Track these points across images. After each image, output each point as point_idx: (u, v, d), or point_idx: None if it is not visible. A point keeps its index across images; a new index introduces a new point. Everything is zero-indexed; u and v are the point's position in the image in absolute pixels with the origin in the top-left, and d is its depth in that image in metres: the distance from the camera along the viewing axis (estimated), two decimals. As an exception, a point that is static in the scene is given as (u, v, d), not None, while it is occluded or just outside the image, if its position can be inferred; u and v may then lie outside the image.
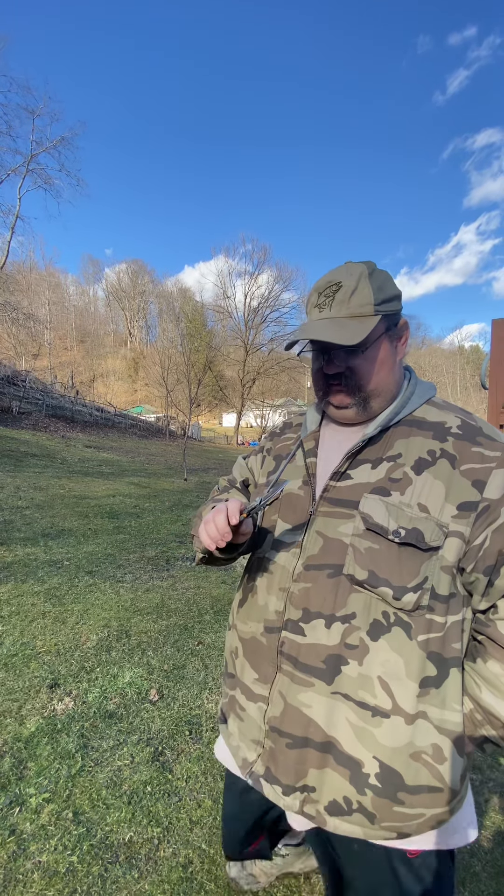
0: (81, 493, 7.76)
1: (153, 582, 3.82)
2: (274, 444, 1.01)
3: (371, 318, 0.74)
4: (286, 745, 0.75)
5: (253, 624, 0.86)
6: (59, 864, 1.37)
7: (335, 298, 0.75)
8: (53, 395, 24.01)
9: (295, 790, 0.75)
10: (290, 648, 0.77)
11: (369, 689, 0.70)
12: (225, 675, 0.96)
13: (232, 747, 0.88)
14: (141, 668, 2.47)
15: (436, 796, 0.70)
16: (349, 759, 0.71)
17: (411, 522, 0.70)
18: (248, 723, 0.83)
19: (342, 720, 0.71)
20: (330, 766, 0.72)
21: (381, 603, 0.70)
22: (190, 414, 15.60)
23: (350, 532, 0.74)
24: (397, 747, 0.69)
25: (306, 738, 0.73)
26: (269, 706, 0.79)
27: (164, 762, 1.81)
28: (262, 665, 0.82)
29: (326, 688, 0.72)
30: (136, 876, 1.35)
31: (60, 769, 1.72)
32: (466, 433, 0.74)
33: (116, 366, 63.80)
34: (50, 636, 2.75)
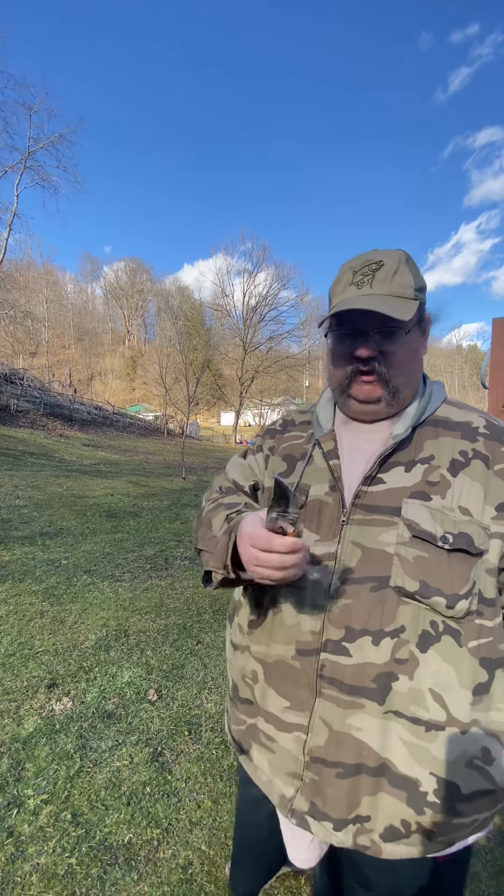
0: (79, 492, 7.74)
1: (152, 581, 3.81)
2: (277, 444, 0.92)
3: (412, 301, 0.71)
4: (336, 774, 0.69)
5: (278, 646, 0.77)
6: (58, 866, 1.36)
7: (375, 276, 0.72)
8: (51, 394, 23.93)
9: (347, 823, 0.69)
10: (332, 671, 0.70)
11: (421, 704, 0.66)
12: (235, 700, 0.87)
13: (262, 783, 0.79)
14: (140, 667, 2.46)
15: (489, 799, 0.69)
16: (405, 780, 0.66)
17: (457, 527, 0.67)
18: (282, 755, 0.75)
19: (395, 740, 0.67)
20: (384, 791, 0.67)
21: (429, 613, 0.67)
22: (188, 412, 15.56)
23: (393, 541, 0.69)
24: (453, 759, 0.66)
25: (359, 765, 0.68)
26: (310, 735, 0.71)
27: (164, 763, 1.80)
28: (295, 691, 0.74)
29: (378, 708, 0.67)
30: (135, 878, 1.35)
31: (59, 770, 1.71)
32: (494, 433, 0.73)
33: (114, 364, 63.65)
34: (48, 636, 2.74)
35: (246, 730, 0.83)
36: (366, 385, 0.75)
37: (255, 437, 1.01)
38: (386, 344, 0.72)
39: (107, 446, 18.24)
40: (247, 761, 0.83)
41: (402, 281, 0.72)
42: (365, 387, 0.75)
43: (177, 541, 5.16)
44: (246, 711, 0.83)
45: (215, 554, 0.75)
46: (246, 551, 0.65)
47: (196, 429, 40.16)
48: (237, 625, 0.89)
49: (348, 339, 0.75)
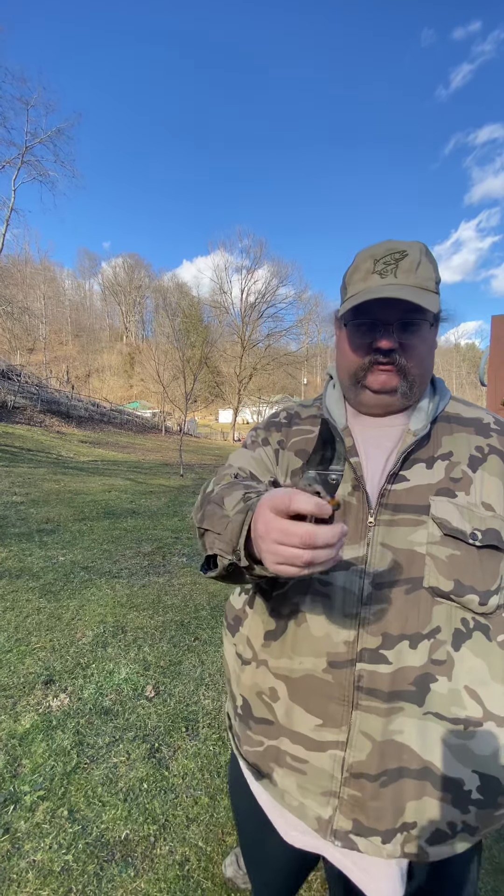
0: (77, 489, 7.72)
1: (149, 578, 3.80)
2: (286, 437, 0.86)
3: (434, 294, 0.70)
4: (380, 784, 0.65)
5: (306, 660, 0.71)
6: (55, 862, 1.36)
7: (399, 266, 0.70)
8: (49, 390, 23.88)
9: (395, 833, 0.65)
10: (371, 681, 0.66)
11: (459, 703, 0.65)
12: (248, 719, 0.80)
13: (292, 808, 0.73)
14: (137, 664, 2.45)
15: None
16: (448, 782, 0.65)
17: (484, 523, 0.67)
18: (315, 775, 0.70)
19: (436, 742, 0.65)
20: (428, 795, 0.65)
21: (461, 611, 0.66)
22: (186, 410, 15.53)
23: (424, 540, 0.68)
24: (492, 754, 0.65)
25: (401, 769, 0.65)
26: (349, 751, 0.67)
27: (161, 759, 1.80)
28: (327, 707, 0.69)
29: (417, 709, 0.65)
30: (132, 874, 1.34)
31: (55, 766, 1.71)
32: (503, 428, 0.75)
33: (112, 361, 63.45)
34: (45, 632, 2.73)
35: (265, 752, 0.76)
36: (382, 374, 0.73)
37: (252, 429, 0.95)
38: (408, 336, 0.71)
39: (104, 443, 18.20)
40: (268, 785, 0.76)
41: (425, 273, 0.70)
42: (381, 376, 0.73)
43: (174, 538, 5.16)
44: (264, 732, 0.77)
45: (224, 535, 0.61)
46: (264, 523, 0.49)
47: (194, 426, 40.12)
48: (244, 637, 0.82)
49: (369, 330, 0.72)
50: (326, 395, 0.86)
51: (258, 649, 0.78)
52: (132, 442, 21.03)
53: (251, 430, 0.94)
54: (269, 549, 0.49)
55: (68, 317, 64.37)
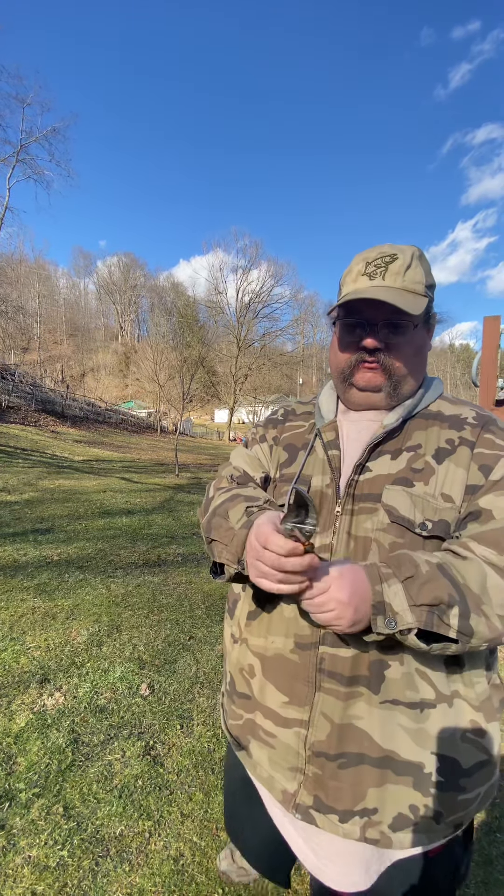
0: (71, 489, 7.70)
1: (144, 577, 3.81)
2: (280, 433, 0.92)
3: (422, 297, 0.72)
4: (339, 765, 0.69)
5: (277, 639, 0.76)
6: (50, 858, 1.37)
7: (388, 269, 0.72)
8: (43, 389, 23.74)
9: (354, 815, 0.68)
10: (332, 664, 0.70)
11: (412, 686, 0.67)
12: (232, 694, 0.86)
13: (262, 779, 0.78)
14: (132, 662, 2.46)
15: (486, 771, 0.70)
16: (409, 766, 0.67)
17: (437, 514, 0.68)
18: (282, 750, 0.74)
19: (397, 728, 0.67)
20: (390, 781, 0.67)
21: None
22: (182, 409, 15.53)
23: (374, 526, 0.70)
24: (448, 734, 0.67)
25: (361, 755, 0.68)
26: (311, 730, 0.71)
27: (156, 756, 1.81)
28: (293, 685, 0.73)
29: (375, 697, 0.68)
30: (126, 869, 1.35)
31: (51, 764, 1.71)
32: (481, 421, 0.75)
33: (107, 360, 63.22)
34: (40, 631, 2.73)
35: (244, 725, 0.82)
36: (368, 372, 0.75)
37: (253, 426, 1.00)
38: (393, 337, 0.73)
39: (99, 443, 18.15)
40: (245, 757, 0.82)
41: (414, 276, 0.72)
42: (367, 374, 0.75)
43: (170, 537, 5.16)
44: (243, 706, 0.82)
45: (230, 547, 0.70)
46: (249, 543, 0.64)
47: (190, 426, 40.09)
48: (237, 618, 0.88)
49: (356, 329, 0.75)
50: (321, 391, 0.90)
51: (243, 628, 0.84)
52: (127, 441, 20.99)
53: (252, 427, 1.00)
54: (251, 562, 0.64)
55: (63, 316, 64.07)
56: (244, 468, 0.90)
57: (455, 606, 0.60)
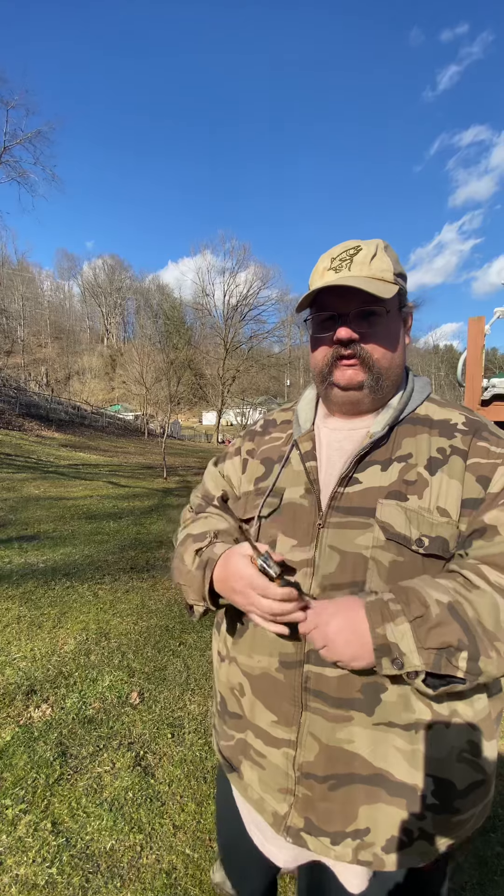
0: (57, 494, 7.58)
1: (133, 583, 3.76)
2: (258, 446, 0.89)
3: (391, 285, 0.70)
4: (329, 787, 0.67)
5: (262, 658, 0.74)
6: (38, 876, 1.32)
7: (353, 260, 0.70)
8: (28, 393, 23.41)
9: (346, 836, 0.66)
10: (317, 683, 0.67)
11: (409, 708, 0.64)
12: (223, 713, 0.83)
13: (253, 801, 0.76)
14: (121, 671, 2.42)
15: (481, 791, 0.68)
16: (403, 787, 0.64)
17: (434, 530, 0.65)
18: (272, 771, 0.72)
19: (391, 749, 0.65)
20: (382, 801, 0.65)
21: None
22: (169, 412, 15.44)
23: (370, 544, 0.66)
24: (443, 756, 0.65)
25: (351, 775, 0.66)
26: (299, 750, 0.69)
27: (146, 766, 1.77)
28: (280, 705, 0.71)
29: (368, 719, 0.65)
30: (118, 885, 1.32)
31: (38, 778, 1.67)
32: (472, 428, 0.71)
33: (93, 363, 62.56)
34: (25, 641, 2.67)
35: (235, 745, 0.79)
36: (348, 370, 0.72)
37: (234, 438, 1.01)
38: (366, 326, 0.71)
39: (85, 447, 17.93)
40: (236, 779, 0.80)
41: (381, 265, 0.70)
42: (347, 371, 0.72)
43: (158, 542, 5.11)
44: (235, 726, 0.80)
45: (193, 587, 0.76)
46: (244, 594, 0.67)
47: (178, 428, 39.87)
48: (222, 635, 0.86)
49: (328, 323, 0.73)
50: (301, 398, 0.88)
51: (230, 647, 0.82)
52: (114, 445, 20.77)
53: (233, 439, 0.98)
54: (232, 596, 0.70)
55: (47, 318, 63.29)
56: (207, 488, 0.95)
57: (464, 650, 0.58)
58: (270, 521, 0.77)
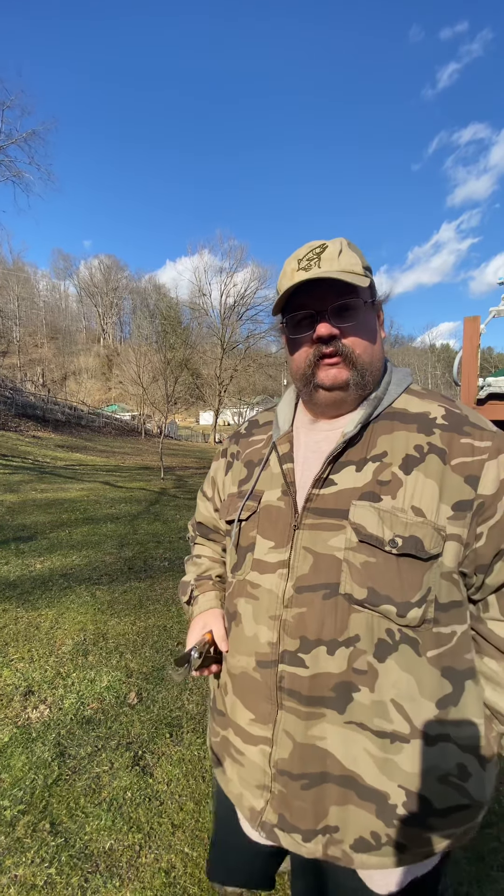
0: (54, 495, 7.56)
1: (131, 583, 3.76)
2: (242, 448, 0.90)
3: (363, 277, 0.69)
4: (301, 786, 0.67)
5: (242, 658, 0.75)
6: (37, 877, 1.33)
7: (321, 258, 0.69)
8: (24, 394, 23.32)
9: (316, 833, 0.67)
10: (291, 683, 0.68)
11: (384, 716, 0.64)
12: (213, 710, 0.86)
13: (233, 795, 0.77)
14: (119, 671, 2.42)
15: (465, 814, 0.66)
16: (373, 792, 0.64)
17: (407, 529, 0.63)
18: (250, 768, 0.73)
19: (361, 753, 0.65)
20: (353, 803, 0.65)
21: (384, 621, 0.64)
22: (166, 412, 15.41)
23: (343, 546, 0.66)
24: (421, 772, 0.64)
25: (324, 774, 0.66)
26: (275, 748, 0.70)
27: (145, 766, 1.78)
28: (258, 704, 0.72)
29: (339, 717, 0.65)
30: (117, 884, 1.32)
31: (36, 779, 1.67)
32: (453, 423, 0.69)
33: (89, 363, 62.37)
34: (23, 642, 2.67)
35: (220, 741, 0.81)
36: (332, 369, 0.70)
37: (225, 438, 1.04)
38: (345, 319, 0.69)
39: (82, 448, 17.88)
40: (220, 774, 0.82)
41: (349, 259, 0.69)
42: (331, 371, 0.70)
43: (156, 542, 5.11)
44: (220, 723, 0.82)
45: (183, 593, 0.98)
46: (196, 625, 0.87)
47: (175, 428, 39.78)
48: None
49: (305, 322, 0.71)
50: (280, 400, 0.87)
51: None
52: (111, 446, 20.73)
53: (224, 440, 1.02)
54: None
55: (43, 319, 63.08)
56: (204, 514, 1.02)
57: None
58: (249, 523, 0.79)
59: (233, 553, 0.82)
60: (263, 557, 0.74)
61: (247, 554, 0.78)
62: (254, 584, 0.75)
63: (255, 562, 0.76)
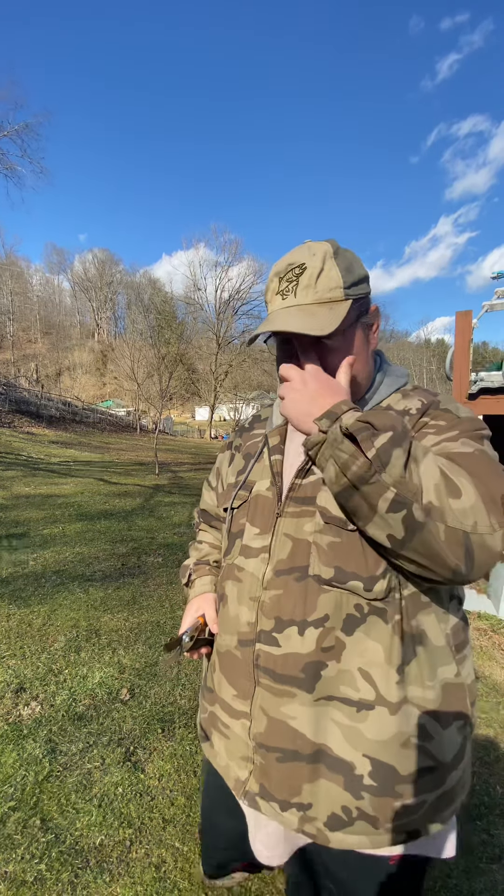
0: (48, 492, 7.53)
1: (124, 579, 3.75)
2: (244, 441, 0.95)
3: (342, 303, 0.68)
4: (276, 758, 0.72)
5: (227, 637, 0.81)
6: (27, 873, 1.33)
7: (299, 283, 0.69)
8: (17, 389, 23.14)
9: (291, 806, 0.71)
10: (265, 661, 0.73)
11: (350, 683, 0.67)
12: (204, 688, 0.91)
13: (221, 767, 0.82)
14: (112, 667, 2.42)
15: (433, 777, 0.68)
16: (340, 763, 0.67)
17: None
18: (235, 740, 0.78)
19: (329, 723, 0.68)
20: (323, 777, 0.68)
21: (352, 597, 0.67)
22: (161, 408, 15.36)
23: (313, 529, 0.71)
24: (386, 739, 0.66)
25: (295, 752, 0.70)
26: (253, 722, 0.75)
27: (136, 762, 1.78)
28: (239, 680, 0.77)
29: (308, 697, 0.69)
30: (107, 880, 1.33)
31: (27, 776, 1.66)
32: (423, 409, 0.72)
33: (83, 359, 61.93)
34: (15, 639, 2.66)
35: (208, 717, 0.86)
36: None
37: (229, 432, 1.04)
38: (321, 351, 0.71)
39: (76, 443, 17.80)
40: (208, 748, 0.86)
41: (328, 283, 0.68)
42: None
43: (150, 538, 5.10)
44: (209, 699, 0.87)
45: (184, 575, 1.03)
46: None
47: (170, 424, 39.70)
48: None
49: (285, 347, 0.76)
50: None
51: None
52: (106, 442, 20.65)
53: (231, 433, 1.08)
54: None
55: (37, 313, 62.55)
56: (207, 502, 1.09)
57: (389, 433, 0.57)
58: (240, 511, 0.84)
59: (225, 539, 0.88)
60: (250, 543, 0.79)
61: (236, 540, 0.83)
62: (239, 568, 0.80)
63: (242, 547, 0.81)
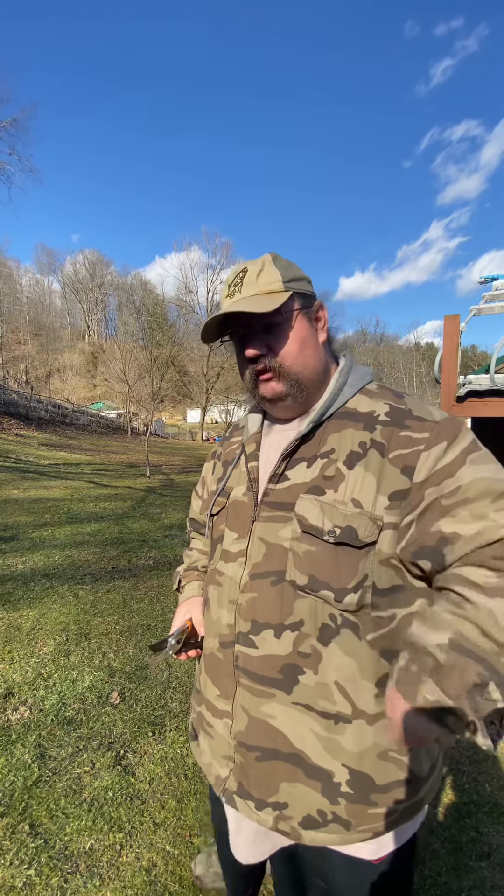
0: (37, 495, 7.45)
1: (115, 582, 3.73)
2: (223, 450, 0.98)
3: (282, 293, 0.74)
4: (256, 758, 0.73)
5: (210, 639, 0.83)
6: (16, 878, 1.31)
7: (243, 283, 0.75)
8: (6, 391, 22.88)
9: (267, 805, 0.72)
10: (244, 662, 0.75)
11: (328, 697, 0.68)
12: (194, 690, 0.94)
13: (205, 765, 0.84)
14: (101, 671, 2.40)
15: (407, 789, 0.70)
16: (319, 771, 0.69)
17: (345, 520, 0.67)
18: (217, 739, 0.80)
19: (308, 733, 0.69)
20: (300, 781, 0.70)
21: (327, 606, 0.68)
22: (152, 410, 15.30)
23: (289, 536, 0.72)
24: (363, 751, 0.68)
25: (275, 750, 0.71)
26: (234, 721, 0.76)
27: (127, 766, 1.77)
28: (222, 680, 0.79)
29: (287, 697, 0.70)
30: (97, 884, 1.32)
31: (16, 781, 1.65)
32: (394, 418, 0.71)
33: (74, 360, 61.42)
34: (3, 643, 2.63)
35: (196, 717, 0.88)
36: (268, 383, 0.77)
37: (220, 435, 1.09)
38: (270, 338, 0.76)
39: (66, 446, 17.64)
40: (195, 746, 0.88)
41: (268, 279, 0.75)
42: (269, 384, 0.77)
43: (141, 540, 5.07)
44: (197, 700, 0.89)
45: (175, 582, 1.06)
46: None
47: (161, 426, 39.54)
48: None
49: (240, 344, 0.79)
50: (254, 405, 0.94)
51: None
52: (96, 444, 20.50)
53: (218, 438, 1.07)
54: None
55: (27, 315, 61.93)
56: (195, 510, 1.12)
57: (490, 681, 0.54)
58: (220, 517, 0.87)
59: (208, 545, 0.92)
60: (228, 548, 0.81)
61: (217, 545, 0.86)
62: (220, 573, 0.82)
63: (222, 552, 0.83)
